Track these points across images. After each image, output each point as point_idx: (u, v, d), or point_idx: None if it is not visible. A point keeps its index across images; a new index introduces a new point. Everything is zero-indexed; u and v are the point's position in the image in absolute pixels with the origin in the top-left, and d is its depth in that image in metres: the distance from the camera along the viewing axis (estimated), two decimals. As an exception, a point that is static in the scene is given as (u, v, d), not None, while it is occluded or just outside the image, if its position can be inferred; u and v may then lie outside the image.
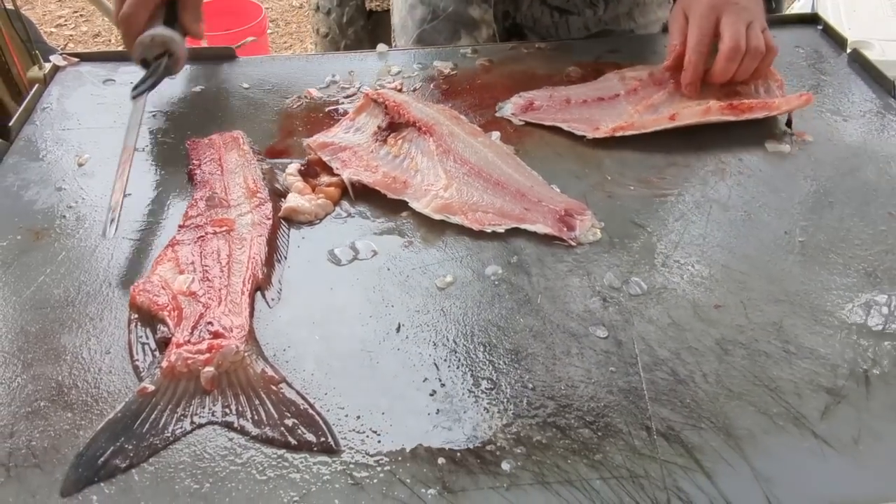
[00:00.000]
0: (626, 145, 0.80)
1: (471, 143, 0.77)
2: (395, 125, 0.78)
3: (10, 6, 1.32)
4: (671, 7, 0.90)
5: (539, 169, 0.76)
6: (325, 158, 0.77)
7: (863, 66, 0.91)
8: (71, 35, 3.15)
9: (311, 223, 0.71)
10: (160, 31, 0.80)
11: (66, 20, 3.26)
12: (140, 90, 0.79)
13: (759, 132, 0.81)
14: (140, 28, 0.80)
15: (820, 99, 0.86)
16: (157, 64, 0.80)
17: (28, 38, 1.33)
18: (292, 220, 0.72)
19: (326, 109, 0.88)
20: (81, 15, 3.28)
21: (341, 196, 0.74)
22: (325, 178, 0.75)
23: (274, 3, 3.45)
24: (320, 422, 0.53)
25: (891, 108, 0.84)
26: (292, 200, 0.72)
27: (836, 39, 0.96)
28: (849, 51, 0.94)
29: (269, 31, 2.76)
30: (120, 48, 0.92)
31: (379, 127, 0.79)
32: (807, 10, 1.85)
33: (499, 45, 1.01)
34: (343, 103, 0.88)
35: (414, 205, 0.71)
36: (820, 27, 0.99)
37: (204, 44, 1.07)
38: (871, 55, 0.92)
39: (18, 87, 1.36)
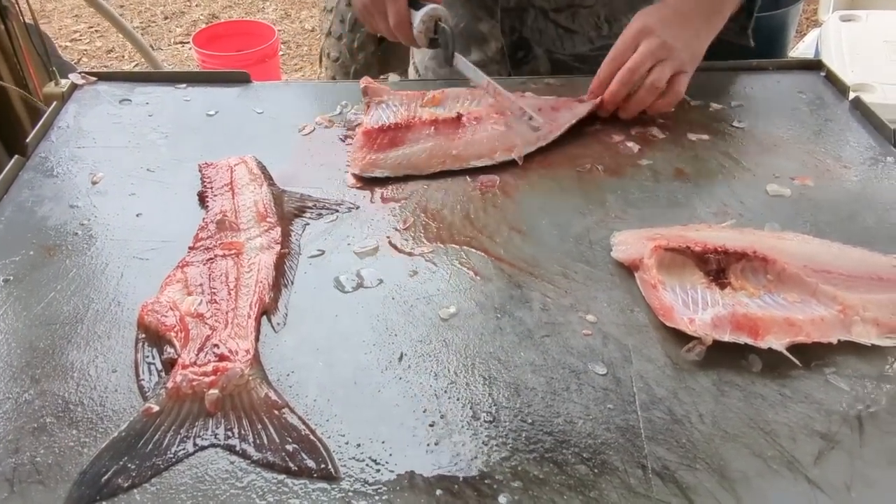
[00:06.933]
0: (630, 184, 0.82)
1: None
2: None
3: (29, 20, 1.35)
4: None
5: (543, 203, 0.78)
6: None
7: (864, 113, 0.93)
8: (85, 50, 3.19)
9: (320, 252, 0.72)
10: (422, 12, 0.89)
11: (80, 35, 3.31)
12: (449, 55, 0.91)
13: (761, 175, 0.83)
14: (409, 26, 0.90)
15: (821, 144, 0.88)
16: (441, 30, 0.90)
17: (46, 53, 1.36)
18: None
19: (337, 136, 0.89)
20: (96, 31, 3.33)
21: None
22: None
23: (286, 25, 3.51)
24: (321, 448, 0.54)
25: (890, 156, 0.85)
26: None
27: (838, 86, 0.98)
28: (850, 98, 0.96)
29: (280, 52, 2.80)
30: (136, 68, 0.94)
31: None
32: (810, 52, 1.89)
33: (509, 79, 1.03)
34: (353, 131, 0.90)
35: None
36: (823, 73, 1.02)
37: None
38: (873, 98, 0.93)
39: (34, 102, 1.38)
